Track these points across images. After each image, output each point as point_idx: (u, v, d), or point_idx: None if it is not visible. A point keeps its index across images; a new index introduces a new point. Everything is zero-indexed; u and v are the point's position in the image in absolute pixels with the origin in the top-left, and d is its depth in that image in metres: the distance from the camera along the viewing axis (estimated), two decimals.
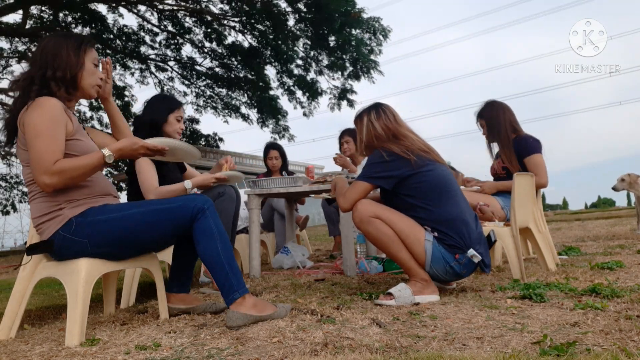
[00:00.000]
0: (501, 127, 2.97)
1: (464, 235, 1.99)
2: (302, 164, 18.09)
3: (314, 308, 1.85)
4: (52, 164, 1.56)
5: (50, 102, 1.63)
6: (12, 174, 14.40)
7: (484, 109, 3.09)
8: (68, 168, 1.58)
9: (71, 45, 1.73)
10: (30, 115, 1.60)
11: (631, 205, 21.47)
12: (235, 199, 2.47)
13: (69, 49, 1.72)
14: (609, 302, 1.73)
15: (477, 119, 3.14)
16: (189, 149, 1.93)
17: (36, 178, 1.58)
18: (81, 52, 1.75)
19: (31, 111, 1.60)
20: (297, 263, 3.44)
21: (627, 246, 3.78)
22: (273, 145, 4.34)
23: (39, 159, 1.56)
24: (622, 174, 5.19)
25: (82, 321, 1.56)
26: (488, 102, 3.12)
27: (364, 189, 2.09)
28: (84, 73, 1.75)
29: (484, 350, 1.25)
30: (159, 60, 11.48)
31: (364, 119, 2.21)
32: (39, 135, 1.57)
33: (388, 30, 9.62)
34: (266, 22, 9.76)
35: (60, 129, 1.62)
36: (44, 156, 1.56)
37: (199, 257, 1.80)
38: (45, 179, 1.56)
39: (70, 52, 1.72)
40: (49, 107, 1.61)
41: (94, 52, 1.80)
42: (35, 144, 1.57)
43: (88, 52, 1.77)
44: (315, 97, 10.82)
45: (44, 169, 1.56)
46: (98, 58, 1.83)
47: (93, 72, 1.79)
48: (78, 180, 1.64)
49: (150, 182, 2.38)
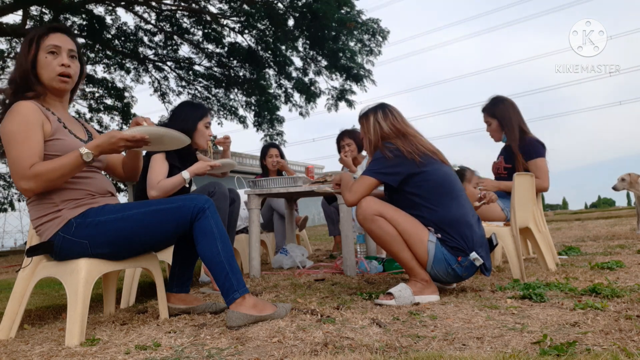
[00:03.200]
0: (513, 126, 2.95)
1: (467, 238, 1.98)
2: (302, 164, 18.09)
3: (314, 308, 1.85)
4: (27, 168, 1.54)
5: (21, 106, 1.60)
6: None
7: (495, 106, 3.04)
8: (44, 171, 1.55)
9: (25, 43, 1.68)
10: (4, 124, 1.59)
11: (631, 205, 21.46)
12: (227, 197, 2.44)
13: (23, 47, 1.67)
14: (609, 302, 1.73)
15: (486, 116, 3.09)
16: (175, 135, 1.79)
17: (15, 184, 1.56)
18: (31, 48, 1.66)
19: (5, 119, 1.60)
20: (297, 263, 3.44)
21: (627, 246, 3.78)
22: (272, 144, 4.39)
23: (14, 165, 1.55)
24: (622, 174, 5.19)
25: (82, 321, 1.56)
26: (497, 98, 3.06)
27: (370, 183, 2.08)
28: (39, 68, 1.67)
29: (484, 350, 1.25)
30: (157, 60, 11.48)
31: (371, 118, 2.21)
32: (11, 141, 1.56)
33: (387, 31, 9.64)
34: (265, 20, 9.75)
35: (34, 132, 1.58)
36: (18, 162, 1.55)
37: (199, 257, 1.80)
38: (22, 184, 1.55)
39: (23, 51, 1.67)
40: (21, 112, 1.59)
41: (50, 39, 1.67)
42: (9, 151, 1.56)
43: (42, 43, 1.67)
44: (313, 100, 10.82)
45: (20, 174, 1.54)
46: (55, 43, 1.68)
47: (48, 63, 1.67)
48: (59, 182, 1.60)
49: (155, 177, 2.38)
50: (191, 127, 2.54)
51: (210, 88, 11.93)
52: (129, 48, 10.81)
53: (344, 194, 2.16)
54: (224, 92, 11.86)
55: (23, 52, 1.68)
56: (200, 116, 2.58)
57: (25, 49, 1.68)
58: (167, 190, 2.37)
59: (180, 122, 2.53)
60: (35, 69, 1.68)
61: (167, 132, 1.74)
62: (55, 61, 1.68)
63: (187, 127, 2.53)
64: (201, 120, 2.57)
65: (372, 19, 9.45)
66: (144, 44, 11.08)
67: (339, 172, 3.59)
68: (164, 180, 2.38)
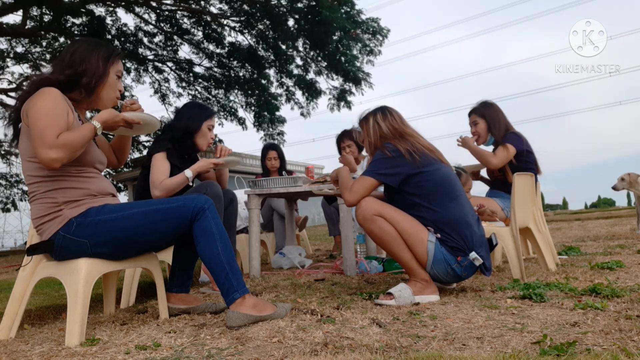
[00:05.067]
0: (501, 127, 3.01)
1: (467, 238, 1.99)
2: (302, 164, 18.10)
3: (314, 308, 1.85)
4: (55, 137, 1.54)
5: (53, 90, 1.64)
6: (12, 173, 14.46)
7: (485, 107, 3.09)
8: (71, 140, 1.57)
9: (101, 55, 1.77)
10: (33, 101, 1.61)
11: (631, 205, 21.47)
12: (220, 198, 2.42)
13: (98, 57, 1.76)
14: (609, 302, 1.73)
15: (474, 116, 3.11)
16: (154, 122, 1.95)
17: (41, 155, 1.53)
18: (109, 63, 1.78)
19: (34, 98, 1.61)
20: (296, 264, 3.44)
21: (627, 246, 3.78)
22: (272, 146, 4.34)
23: (42, 134, 1.53)
24: (622, 174, 5.20)
25: (82, 321, 1.56)
26: (486, 101, 3.12)
27: (370, 183, 2.08)
28: (106, 84, 1.79)
29: (484, 350, 1.25)
30: (157, 60, 11.48)
31: (370, 120, 2.23)
32: (41, 114, 1.57)
33: (387, 30, 9.63)
34: (265, 20, 9.75)
35: (63, 112, 1.62)
36: (48, 131, 1.54)
37: (199, 257, 1.80)
38: (51, 154, 1.53)
39: (99, 61, 1.76)
40: (52, 93, 1.63)
41: (119, 65, 1.84)
42: (37, 123, 1.55)
43: (115, 64, 1.81)
44: (315, 97, 10.81)
45: (49, 142, 1.53)
46: (122, 70, 1.87)
47: (114, 84, 1.82)
48: (77, 154, 1.64)
49: (158, 177, 2.38)
50: (196, 127, 2.54)
51: (210, 89, 11.93)
52: (129, 49, 10.81)
53: (344, 193, 2.16)
54: (224, 93, 11.87)
55: (99, 61, 1.76)
56: (205, 117, 2.58)
57: (102, 60, 1.77)
58: (170, 190, 2.37)
59: (185, 120, 2.53)
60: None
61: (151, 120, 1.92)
62: (117, 85, 1.85)
63: (192, 127, 2.53)
64: (206, 121, 2.57)
65: (372, 18, 9.45)
66: (143, 44, 11.08)
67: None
68: (167, 180, 2.38)
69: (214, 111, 2.68)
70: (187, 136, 2.52)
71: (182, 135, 2.51)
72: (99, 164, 1.80)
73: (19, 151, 1.70)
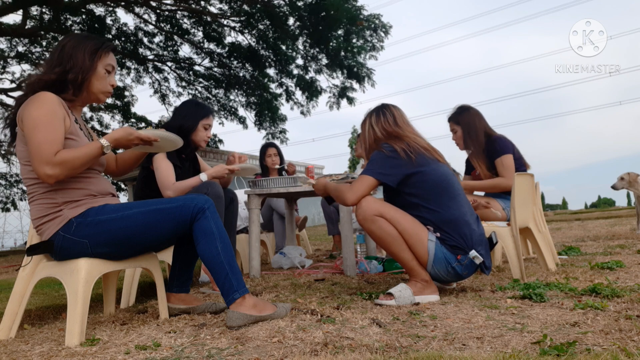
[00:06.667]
0: (478, 133, 2.90)
1: (466, 237, 1.99)
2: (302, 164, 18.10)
3: (314, 308, 1.85)
4: (53, 154, 1.55)
5: (48, 96, 1.63)
6: (12, 173, 14.45)
7: (460, 114, 2.98)
8: (69, 158, 1.57)
9: (88, 49, 1.74)
10: (28, 108, 1.60)
11: (631, 205, 21.48)
12: (221, 198, 2.42)
13: (85, 52, 1.73)
14: (609, 302, 1.73)
15: (452, 124, 3.02)
16: (174, 139, 1.94)
17: (37, 170, 1.55)
18: (96, 57, 1.75)
19: (29, 105, 1.60)
20: (296, 264, 3.44)
21: (627, 246, 3.78)
22: (271, 144, 4.42)
23: (39, 150, 1.54)
24: (622, 173, 5.20)
25: (82, 321, 1.56)
26: (462, 107, 3.01)
27: (370, 183, 2.08)
28: (94, 78, 1.76)
29: (484, 350, 1.25)
30: (157, 60, 11.48)
31: (366, 123, 2.25)
32: (38, 126, 1.56)
33: (389, 26, 9.60)
34: (266, 20, 9.75)
35: (59, 122, 1.61)
36: (44, 147, 1.55)
37: (199, 257, 1.80)
38: (47, 170, 1.54)
39: (85, 56, 1.73)
40: (48, 100, 1.61)
41: (109, 57, 1.80)
42: (34, 136, 1.56)
43: (103, 57, 1.78)
44: (315, 97, 10.79)
45: (46, 159, 1.54)
46: (112, 64, 1.82)
47: (103, 78, 1.78)
48: (78, 171, 1.64)
49: (168, 178, 2.38)
50: (191, 125, 2.54)
51: (210, 88, 11.92)
52: (129, 49, 10.81)
53: (344, 194, 2.14)
54: (224, 93, 11.86)
55: (85, 55, 1.73)
56: (201, 116, 2.57)
57: (88, 55, 1.74)
58: (184, 192, 2.36)
59: (181, 119, 2.53)
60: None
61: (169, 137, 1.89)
62: (108, 79, 1.80)
63: (187, 125, 2.52)
64: (202, 120, 2.57)
65: (374, 15, 9.43)
66: (143, 44, 11.08)
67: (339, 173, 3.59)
68: (180, 183, 2.38)
69: (211, 110, 2.67)
70: (182, 135, 2.51)
71: (178, 133, 2.50)
72: (98, 165, 1.80)
73: (17, 154, 1.70)
